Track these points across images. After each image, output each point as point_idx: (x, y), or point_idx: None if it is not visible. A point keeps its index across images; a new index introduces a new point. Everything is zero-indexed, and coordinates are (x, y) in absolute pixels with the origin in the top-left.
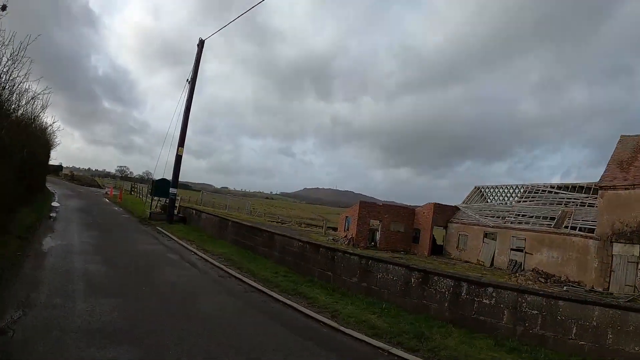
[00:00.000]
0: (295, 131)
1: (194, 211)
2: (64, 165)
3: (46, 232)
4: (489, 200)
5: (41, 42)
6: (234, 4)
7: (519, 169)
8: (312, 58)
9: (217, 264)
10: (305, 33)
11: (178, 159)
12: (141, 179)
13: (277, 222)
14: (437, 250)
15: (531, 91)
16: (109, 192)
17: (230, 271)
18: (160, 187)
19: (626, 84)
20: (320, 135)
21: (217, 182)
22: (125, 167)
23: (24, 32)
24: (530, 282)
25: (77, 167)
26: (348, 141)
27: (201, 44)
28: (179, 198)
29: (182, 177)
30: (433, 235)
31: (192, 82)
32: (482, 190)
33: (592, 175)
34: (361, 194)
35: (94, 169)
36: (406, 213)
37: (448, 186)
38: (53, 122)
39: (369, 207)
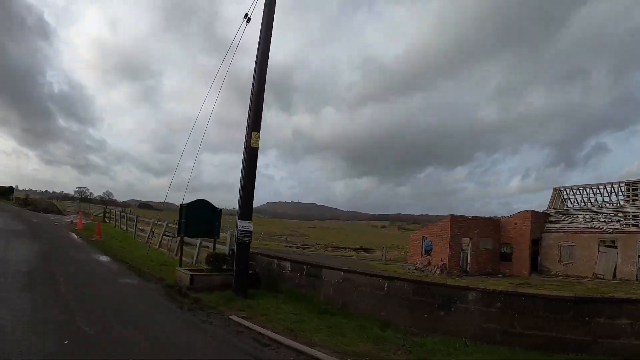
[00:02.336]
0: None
1: (287, 263)
2: (19, 188)
3: None
4: (570, 204)
5: None
6: (193, 17)
7: (479, 173)
8: (273, 70)
9: None
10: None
11: (251, 156)
12: (102, 200)
13: (297, 248)
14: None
15: (491, 97)
16: (76, 222)
17: None
18: (197, 216)
19: (581, 86)
20: (282, 149)
21: (179, 199)
22: (84, 187)
23: None
24: None
25: (34, 189)
26: (310, 153)
27: None
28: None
29: (143, 197)
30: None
31: (269, 9)
32: (562, 192)
33: (553, 175)
34: (324, 206)
35: (51, 191)
36: (492, 226)
37: (409, 193)
38: None
39: (460, 223)
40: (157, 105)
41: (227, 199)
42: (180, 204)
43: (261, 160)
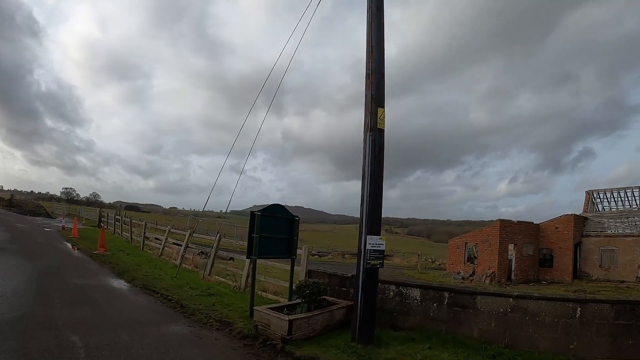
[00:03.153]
0: (245, 147)
1: (414, 290)
2: (4, 188)
3: None
4: (601, 208)
5: None
6: (184, 16)
7: (467, 176)
8: (263, 71)
9: None
10: (257, 46)
11: (378, 143)
12: (88, 202)
13: (313, 255)
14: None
15: (481, 100)
16: (69, 228)
17: None
18: (272, 228)
19: (571, 90)
20: (271, 151)
21: (165, 202)
22: (71, 189)
23: None
24: None
25: (20, 190)
26: (299, 156)
27: None
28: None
29: (130, 199)
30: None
31: None
32: (593, 195)
33: (540, 178)
34: (311, 209)
35: (37, 192)
36: (533, 231)
37: (398, 197)
38: None
39: (507, 228)
40: (146, 105)
41: (211, 202)
42: (252, 211)
43: (249, 163)
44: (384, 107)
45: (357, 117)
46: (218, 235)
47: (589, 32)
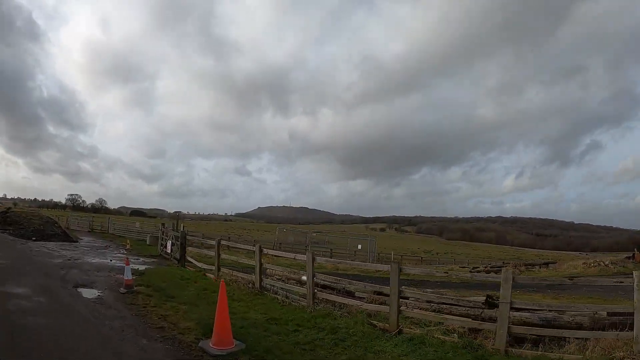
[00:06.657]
0: (251, 148)
1: None
2: (7, 197)
3: None
4: None
5: None
6: (189, 16)
7: (473, 172)
8: (270, 71)
9: None
10: (264, 45)
11: None
12: (94, 209)
13: (487, 272)
14: None
15: (489, 95)
16: (138, 272)
17: None
18: None
19: (579, 83)
20: (277, 152)
21: (170, 206)
22: (77, 195)
23: None
24: None
25: (23, 197)
26: (304, 156)
27: None
28: None
29: (134, 204)
30: None
31: None
32: None
33: (547, 172)
34: (316, 209)
35: (40, 200)
36: None
37: (404, 195)
38: None
39: None
40: (150, 108)
41: (216, 206)
42: None
43: (254, 165)
44: None
45: (363, 116)
46: None
47: (598, 23)
